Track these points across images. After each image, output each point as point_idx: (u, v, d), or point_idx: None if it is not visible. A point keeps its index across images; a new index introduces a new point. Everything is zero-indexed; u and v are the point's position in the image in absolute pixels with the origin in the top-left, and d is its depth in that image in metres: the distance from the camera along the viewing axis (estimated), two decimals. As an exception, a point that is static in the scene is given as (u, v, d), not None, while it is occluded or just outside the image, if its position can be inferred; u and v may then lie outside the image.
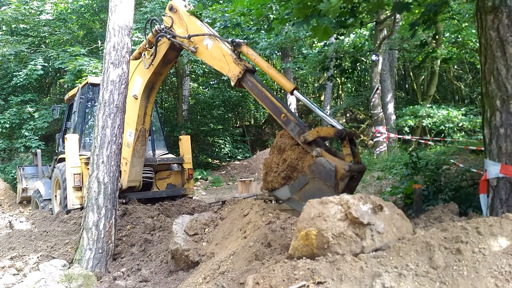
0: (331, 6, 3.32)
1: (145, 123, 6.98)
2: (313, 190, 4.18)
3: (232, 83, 5.27)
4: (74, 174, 7.50)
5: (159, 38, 6.16)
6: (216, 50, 5.47)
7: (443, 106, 14.81)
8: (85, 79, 9.35)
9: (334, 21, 5.43)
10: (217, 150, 20.73)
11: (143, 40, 6.69)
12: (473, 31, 11.87)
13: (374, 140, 12.13)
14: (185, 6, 6.10)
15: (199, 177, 16.82)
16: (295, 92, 4.84)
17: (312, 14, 3.69)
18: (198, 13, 5.96)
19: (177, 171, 8.96)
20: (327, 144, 4.68)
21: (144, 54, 6.54)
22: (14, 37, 16.70)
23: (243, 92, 21.39)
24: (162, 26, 6.06)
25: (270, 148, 4.99)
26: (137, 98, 6.77)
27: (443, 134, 14.54)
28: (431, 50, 9.61)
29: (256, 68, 5.56)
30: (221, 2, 15.16)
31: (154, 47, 6.29)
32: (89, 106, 8.69)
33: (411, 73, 20.49)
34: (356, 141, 4.55)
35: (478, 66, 13.64)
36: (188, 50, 5.82)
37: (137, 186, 7.53)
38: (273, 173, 4.66)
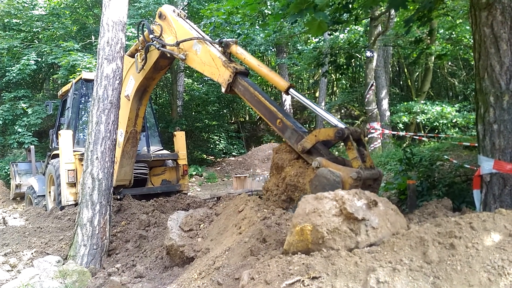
0: (327, 1, 3.32)
1: (137, 125, 6.75)
2: None
3: (223, 90, 4.74)
4: (68, 170, 7.46)
5: (149, 46, 5.87)
6: (205, 55, 5.04)
7: (437, 103, 14.88)
8: (79, 74, 9.29)
9: (329, 16, 5.43)
10: (212, 146, 20.70)
11: (136, 35, 6.46)
12: (467, 27, 11.92)
13: (369, 136, 12.18)
14: (173, 11, 5.83)
15: (194, 173, 16.81)
16: (291, 90, 4.31)
17: (307, 8, 3.68)
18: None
19: (172, 167, 8.94)
20: (331, 152, 4.07)
21: (137, 56, 6.22)
22: (7, 32, 16.54)
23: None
24: (151, 36, 5.75)
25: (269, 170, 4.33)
26: (129, 100, 6.52)
27: (437, 130, 14.63)
28: (425, 47, 9.65)
29: (250, 71, 5.04)
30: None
31: (144, 54, 5.99)
32: (82, 101, 8.65)
33: (405, 70, 20.56)
34: (365, 141, 3.91)
35: (472, 63, 13.69)
36: (178, 58, 5.46)
37: (126, 184, 7.51)
38: (273, 197, 4.10)
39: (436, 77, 20.29)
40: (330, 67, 11.59)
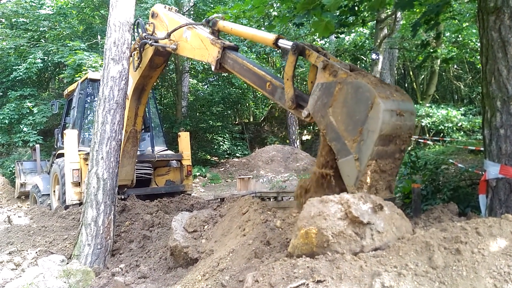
0: (334, 1, 3.31)
1: (136, 124, 6.76)
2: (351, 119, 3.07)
3: (213, 68, 4.66)
4: (73, 169, 7.50)
5: (143, 45, 5.94)
6: (195, 38, 5.04)
7: (442, 106, 14.81)
8: (85, 73, 9.31)
9: (336, 17, 5.42)
10: (216, 147, 20.72)
11: (133, 35, 6.54)
12: (474, 31, 11.88)
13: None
14: (164, 7, 5.90)
15: (198, 174, 16.81)
16: (280, 41, 3.95)
17: (315, 8, 3.68)
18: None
19: (176, 168, 8.96)
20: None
21: (133, 55, 6.25)
22: (14, 31, 16.63)
23: (243, 89, 21.31)
24: (144, 34, 5.82)
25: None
26: (128, 99, 6.46)
27: (442, 134, 14.56)
28: (431, 50, 9.61)
29: (239, 45, 4.95)
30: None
31: (139, 52, 6.06)
32: (88, 101, 8.68)
33: (411, 72, 20.48)
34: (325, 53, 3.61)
35: (478, 66, 13.65)
36: (170, 50, 5.47)
37: (128, 184, 7.53)
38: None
39: (441, 80, 20.20)
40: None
